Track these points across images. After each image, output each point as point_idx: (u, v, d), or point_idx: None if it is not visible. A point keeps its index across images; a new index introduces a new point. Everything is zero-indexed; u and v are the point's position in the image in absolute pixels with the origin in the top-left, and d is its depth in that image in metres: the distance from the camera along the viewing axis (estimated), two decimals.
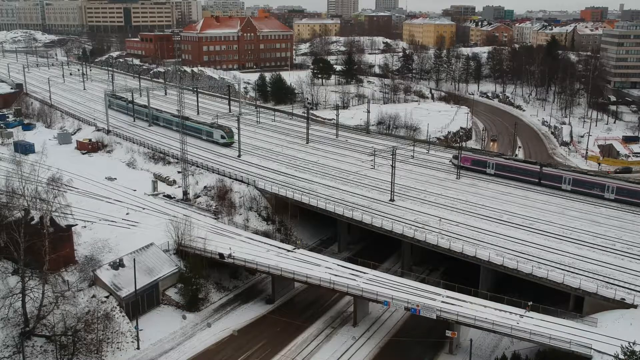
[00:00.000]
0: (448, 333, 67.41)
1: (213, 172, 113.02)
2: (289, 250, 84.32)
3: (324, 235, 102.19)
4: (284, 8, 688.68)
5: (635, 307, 65.37)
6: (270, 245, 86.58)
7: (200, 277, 78.68)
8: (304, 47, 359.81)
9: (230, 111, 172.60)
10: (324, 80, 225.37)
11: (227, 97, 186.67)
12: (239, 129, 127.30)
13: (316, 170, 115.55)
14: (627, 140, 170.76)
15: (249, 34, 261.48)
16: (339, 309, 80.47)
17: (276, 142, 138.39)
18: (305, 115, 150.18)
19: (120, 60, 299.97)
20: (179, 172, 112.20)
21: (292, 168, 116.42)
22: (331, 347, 71.65)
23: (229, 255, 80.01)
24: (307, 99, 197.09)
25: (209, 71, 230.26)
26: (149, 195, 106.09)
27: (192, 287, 77.28)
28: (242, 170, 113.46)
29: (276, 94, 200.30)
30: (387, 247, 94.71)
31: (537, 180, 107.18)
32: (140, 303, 73.71)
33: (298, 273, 76.06)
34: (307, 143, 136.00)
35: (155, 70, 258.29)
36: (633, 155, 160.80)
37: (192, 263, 78.83)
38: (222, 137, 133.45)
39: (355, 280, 74.60)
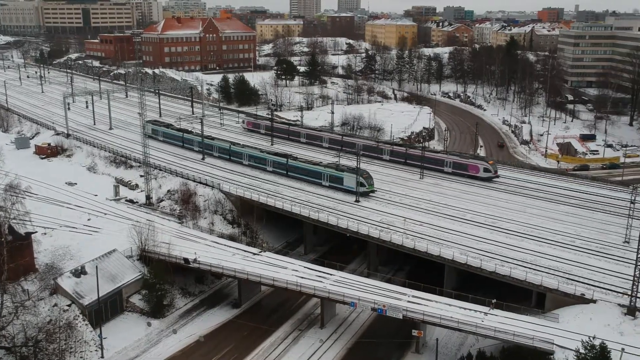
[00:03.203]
0: (414, 332, 68.09)
1: (176, 176, 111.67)
2: (255, 254, 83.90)
3: (290, 237, 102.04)
4: (246, 9, 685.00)
5: (594, 302, 67.04)
6: (236, 248, 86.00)
7: (165, 282, 77.62)
8: (267, 48, 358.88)
9: (193, 113, 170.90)
10: (287, 81, 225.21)
11: (190, 98, 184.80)
12: (202, 131, 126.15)
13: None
14: (584, 138, 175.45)
15: (211, 35, 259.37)
16: (306, 311, 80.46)
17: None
18: (270, 116, 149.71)
19: (80, 62, 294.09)
20: (141, 175, 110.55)
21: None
22: (299, 350, 71.57)
23: (194, 260, 79.17)
24: (271, 100, 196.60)
25: (170, 73, 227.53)
26: (110, 200, 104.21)
27: (156, 293, 76.19)
28: (207, 173, 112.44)
29: (240, 96, 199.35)
30: (354, 248, 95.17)
31: (339, 147, 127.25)
32: (104, 311, 72.39)
33: (264, 276, 75.76)
34: (271, 145, 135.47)
35: (115, 72, 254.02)
36: (590, 153, 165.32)
37: (156, 269, 77.70)
38: (361, 184, 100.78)
39: (322, 282, 74.65)
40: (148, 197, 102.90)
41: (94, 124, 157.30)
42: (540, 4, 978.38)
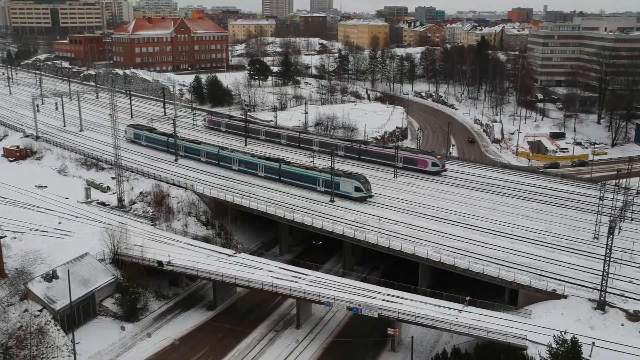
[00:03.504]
0: (390, 331, 68.48)
1: (149, 177, 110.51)
2: (230, 255, 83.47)
3: (265, 238, 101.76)
4: (218, 9, 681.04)
5: (565, 297, 68.21)
6: (211, 250, 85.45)
7: (138, 286, 76.76)
8: (240, 48, 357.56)
9: (165, 114, 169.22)
10: (261, 81, 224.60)
11: (162, 99, 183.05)
12: (174, 131, 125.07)
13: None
14: (554, 136, 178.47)
15: (183, 35, 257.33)
16: (282, 311, 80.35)
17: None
18: (243, 117, 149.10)
19: (49, 63, 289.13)
20: (113, 178, 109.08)
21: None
22: (275, 350, 71.41)
23: (168, 263, 78.45)
24: (245, 100, 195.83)
25: (142, 73, 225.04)
26: (82, 203, 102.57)
27: (130, 296, 75.31)
28: (180, 175, 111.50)
29: (213, 96, 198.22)
30: (329, 248, 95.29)
31: (297, 144, 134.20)
32: (76, 315, 71.31)
33: (240, 278, 75.42)
34: (245, 145, 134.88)
35: (85, 73, 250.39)
36: (560, 151, 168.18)
37: (129, 272, 76.77)
38: (358, 189, 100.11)
39: (297, 282, 74.60)
40: (120, 200, 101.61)
41: (64, 126, 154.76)
42: (509, 4, 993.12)
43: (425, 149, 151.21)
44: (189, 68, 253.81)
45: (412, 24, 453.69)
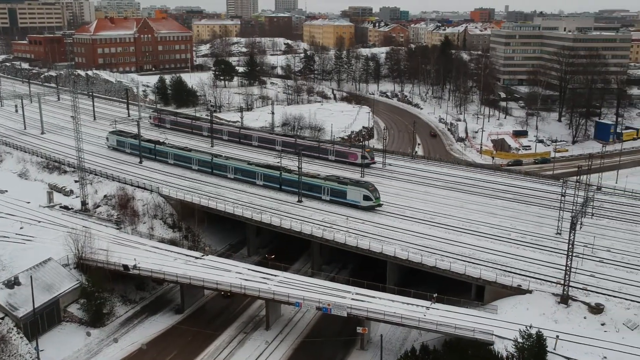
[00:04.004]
0: (359, 330, 68.88)
1: (113, 180, 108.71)
2: (197, 257, 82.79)
3: (233, 239, 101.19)
4: (182, 8, 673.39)
5: (530, 292, 69.57)
6: (178, 253, 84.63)
7: (104, 290, 75.64)
8: (205, 49, 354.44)
9: (129, 115, 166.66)
10: (226, 82, 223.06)
11: (126, 100, 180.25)
12: (139, 133, 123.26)
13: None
14: (516, 134, 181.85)
15: (146, 36, 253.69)
16: (251, 313, 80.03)
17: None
18: (209, 117, 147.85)
19: (7, 64, 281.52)
20: (76, 181, 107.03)
21: (198, 172, 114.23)
22: (244, 353, 71.15)
23: (134, 266, 77.37)
24: (210, 101, 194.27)
25: (104, 74, 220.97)
26: (44, 207, 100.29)
27: (95, 301, 74.02)
28: (145, 177, 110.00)
29: (177, 97, 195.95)
30: (297, 248, 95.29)
31: (237, 140, 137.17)
32: (40, 322, 69.83)
33: (208, 280, 74.85)
34: (211, 146, 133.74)
35: (46, 74, 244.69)
36: (523, 149, 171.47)
37: (94, 277, 75.53)
38: (367, 198, 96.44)
39: (266, 283, 74.42)
40: (84, 203, 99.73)
41: (25, 129, 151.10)
42: (472, 5, 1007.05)
43: (391, 148, 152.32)
44: (153, 69, 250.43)
45: (377, 24, 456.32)
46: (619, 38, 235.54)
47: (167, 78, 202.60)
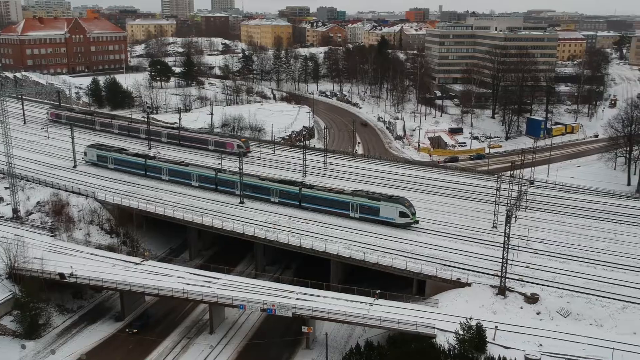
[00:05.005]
0: (304, 329, 69.09)
1: (46, 186, 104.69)
2: (137, 263, 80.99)
3: (173, 243, 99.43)
4: (115, 8, 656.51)
5: (469, 285, 71.55)
6: (116, 259, 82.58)
7: (39, 301, 72.89)
8: (140, 49, 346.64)
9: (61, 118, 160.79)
10: (163, 82, 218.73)
11: (58, 103, 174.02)
12: (72, 137, 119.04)
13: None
14: (452, 131, 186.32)
15: (77, 36, 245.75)
16: (194, 318, 78.89)
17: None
18: (146, 119, 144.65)
19: None
20: (6, 187, 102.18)
21: (135, 176, 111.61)
22: (188, 358, 70.07)
23: (71, 275, 74.98)
24: (146, 102, 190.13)
25: (34, 76, 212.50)
26: None
27: (30, 312, 71.26)
28: (79, 182, 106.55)
29: (112, 99, 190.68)
30: (241, 250, 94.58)
31: (127, 132, 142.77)
32: None
33: (148, 286, 73.32)
34: (149, 148, 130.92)
35: None
36: (458, 145, 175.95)
37: (28, 287, 72.70)
38: (403, 214, 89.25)
39: (209, 287, 73.55)
40: (15, 211, 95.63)
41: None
42: (407, 5, 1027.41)
43: (332, 147, 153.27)
44: (86, 70, 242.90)
45: (315, 24, 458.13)
46: (546, 37, 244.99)
47: (101, 79, 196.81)
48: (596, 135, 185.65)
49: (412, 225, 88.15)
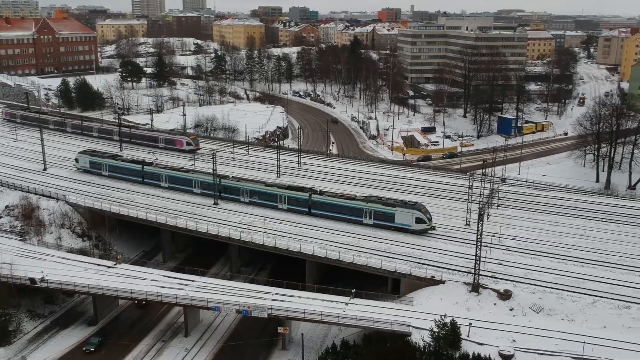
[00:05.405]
0: (280, 330, 68.98)
1: (15, 189, 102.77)
2: (109, 267, 79.95)
3: (146, 246, 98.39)
4: (84, 8, 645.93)
5: (443, 282, 72.19)
6: (89, 263, 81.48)
7: (8, 306, 71.67)
8: (110, 49, 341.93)
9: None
10: (134, 83, 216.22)
11: (26, 105, 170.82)
12: (42, 139, 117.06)
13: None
14: (425, 131, 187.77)
15: (46, 36, 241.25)
16: (169, 321, 78.18)
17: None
18: (117, 121, 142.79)
19: None
20: None
21: (107, 178, 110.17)
22: None
23: (42, 279, 73.72)
24: (118, 104, 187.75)
25: (2, 77, 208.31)
26: None
27: (0, 318, 69.76)
28: (50, 185, 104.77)
29: (83, 100, 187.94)
30: (215, 252, 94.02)
31: (79, 131, 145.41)
32: None
33: (121, 289, 72.43)
34: (120, 150, 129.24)
35: None
36: (431, 144, 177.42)
37: None
38: (420, 220, 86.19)
39: (184, 289, 72.95)
40: None
41: None
42: (379, 5, 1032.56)
43: (306, 147, 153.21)
44: (55, 71, 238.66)
45: (287, 24, 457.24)
46: (516, 37, 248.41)
47: (71, 80, 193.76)
48: (565, 133, 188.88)
49: (429, 232, 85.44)
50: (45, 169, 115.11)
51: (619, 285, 71.03)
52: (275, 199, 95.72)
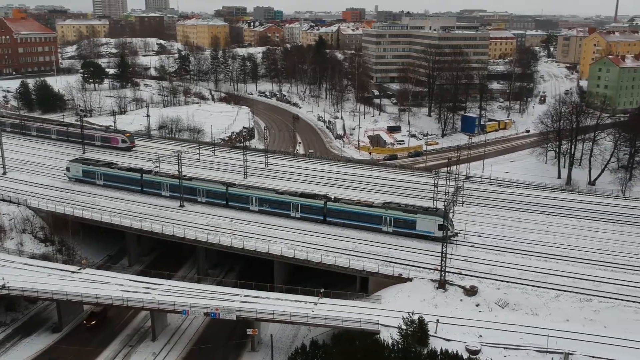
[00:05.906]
0: (249, 331, 68.65)
1: None
2: (73, 272, 78.45)
3: (111, 250, 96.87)
4: (44, 8, 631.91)
5: (410, 280, 72.90)
6: (52, 268, 79.81)
7: None
8: (71, 50, 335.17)
9: None
10: (96, 84, 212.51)
11: None
12: (0, 142, 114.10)
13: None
14: (391, 130, 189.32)
15: (3, 37, 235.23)
16: (136, 325, 77.02)
17: (48, 155, 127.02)
18: (79, 123, 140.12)
19: None
20: None
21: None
22: None
23: (3, 286, 71.91)
24: (79, 105, 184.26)
25: None
26: None
27: None
28: (10, 189, 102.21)
29: (43, 102, 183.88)
30: (181, 254, 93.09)
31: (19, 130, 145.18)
32: None
33: (86, 295, 71.17)
34: (83, 153, 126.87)
35: None
36: (397, 143, 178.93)
37: None
38: (442, 227, 79.98)
39: (150, 293, 72.02)
40: None
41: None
42: (343, 5, 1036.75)
43: (272, 147, 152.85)
44: (14, 72, 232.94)
45: (252, 24, 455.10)
46: (478, 36, 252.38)
47: (31, 82, 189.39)
48: (528, 131, 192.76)
49: (452, 238, 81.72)
50: (5, 173, 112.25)
51: (581, 279, 72.84)
52: (288, 207, 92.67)
